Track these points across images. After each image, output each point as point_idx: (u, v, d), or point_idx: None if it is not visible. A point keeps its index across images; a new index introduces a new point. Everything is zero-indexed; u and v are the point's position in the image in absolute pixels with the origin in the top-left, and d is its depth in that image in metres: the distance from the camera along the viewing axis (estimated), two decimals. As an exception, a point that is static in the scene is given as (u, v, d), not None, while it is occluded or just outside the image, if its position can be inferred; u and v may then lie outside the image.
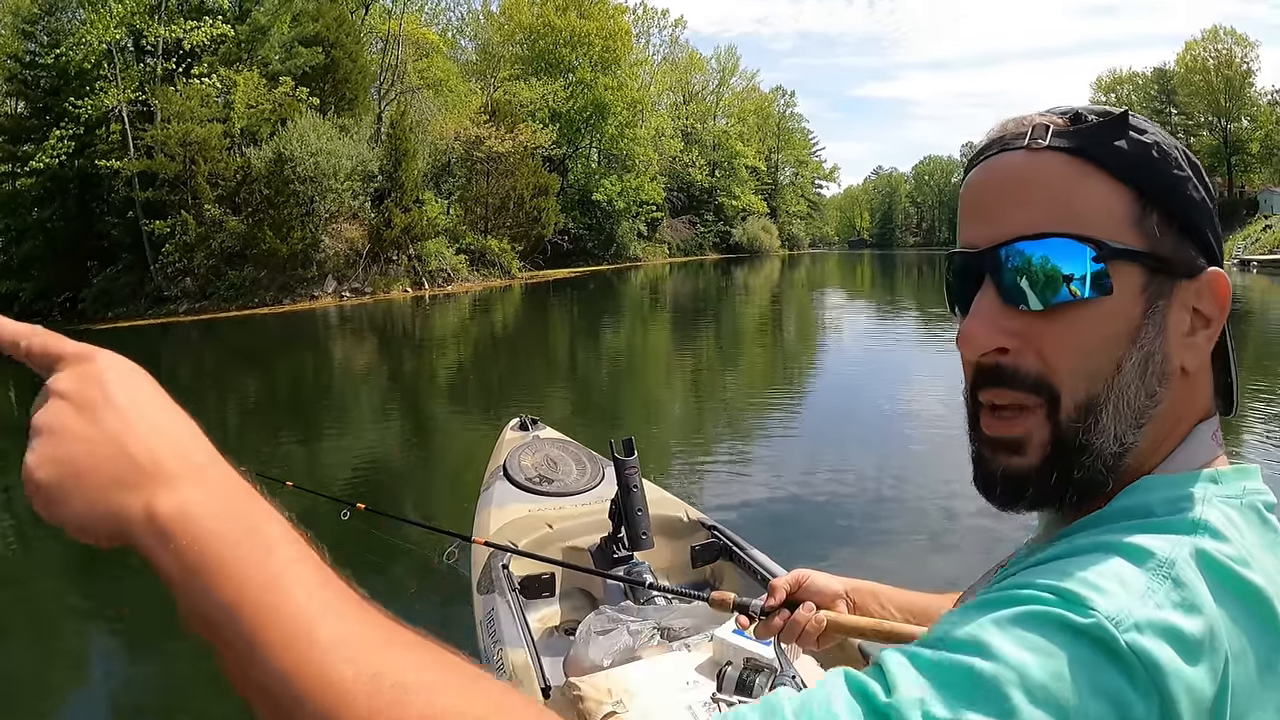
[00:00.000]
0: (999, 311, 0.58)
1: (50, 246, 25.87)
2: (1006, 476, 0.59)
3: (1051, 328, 0.57)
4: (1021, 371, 0.57)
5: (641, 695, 2.02)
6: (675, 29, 66.12)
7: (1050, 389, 0.57)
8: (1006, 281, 0.57)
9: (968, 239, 0.61)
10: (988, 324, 0.58)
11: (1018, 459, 0.59)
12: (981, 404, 0.61)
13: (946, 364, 12.09)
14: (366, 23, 36.23)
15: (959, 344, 0.60)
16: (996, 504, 0.61)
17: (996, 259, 0.58)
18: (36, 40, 26.03)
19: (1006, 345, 0.57)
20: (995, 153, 0.61)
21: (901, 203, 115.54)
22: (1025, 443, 0.58)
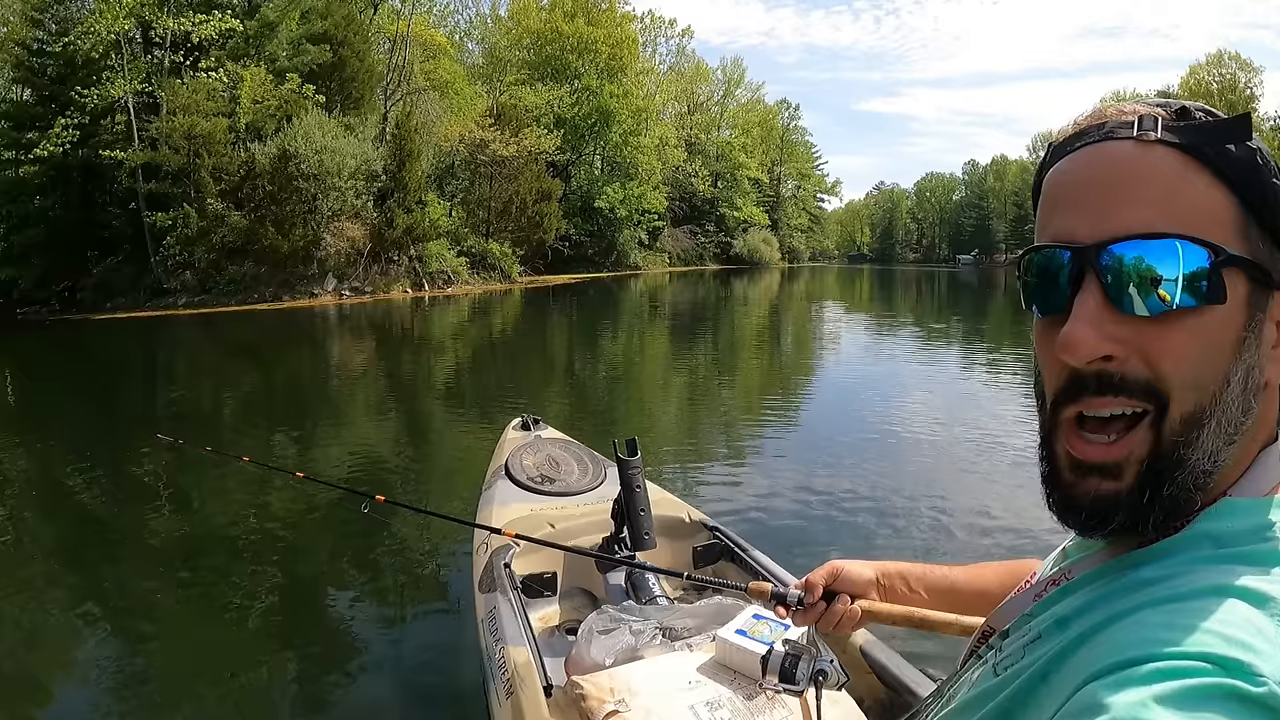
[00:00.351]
0: (1105, 315, 0.54)
1: (51, 235, 25.83)
2: (1096, 502, 0.56)
3: (1162, 335, 0.53)
4: (1130, 378, 0.54)
5: (644, 694, 2.01)
6: (682, 39, 66.37)
7: (1160, 397, 0.54)
8: (1115, 282, 0.54)
9: (1064, 231, 0.57)
10: (1096, 329, 0.54)
11: (1111, 483, 0.56)
12: (1063, 420, 0.57)
13: (942, 375, 12.14)
14: (375, 22, 36.29)
15: (1062, 350, 0.55)
16: (1077, 529, 0.59)
17: (1104, 257, 0.54)
18: (45, 28, 26.02)
19: (1113, 352, 0.54)
20: (1096, 140, 0.57)
21: (902, 218, 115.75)
22: (1122, 466, 0.55)
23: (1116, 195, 0.55)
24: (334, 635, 3.97)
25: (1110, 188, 0.55)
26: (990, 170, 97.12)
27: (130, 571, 4.84)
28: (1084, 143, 0.58)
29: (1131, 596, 0.52)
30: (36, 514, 6.22)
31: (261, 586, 4.65)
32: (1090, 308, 0.54)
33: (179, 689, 3.53)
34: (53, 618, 4.28)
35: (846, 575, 1.16)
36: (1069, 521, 0.58)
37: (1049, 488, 0.59)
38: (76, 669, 3.75)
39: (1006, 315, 25.89)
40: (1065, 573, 0.63)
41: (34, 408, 10.97)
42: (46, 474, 7.41)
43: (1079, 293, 0.55)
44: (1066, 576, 0.63)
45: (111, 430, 9.08)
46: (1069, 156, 0.58)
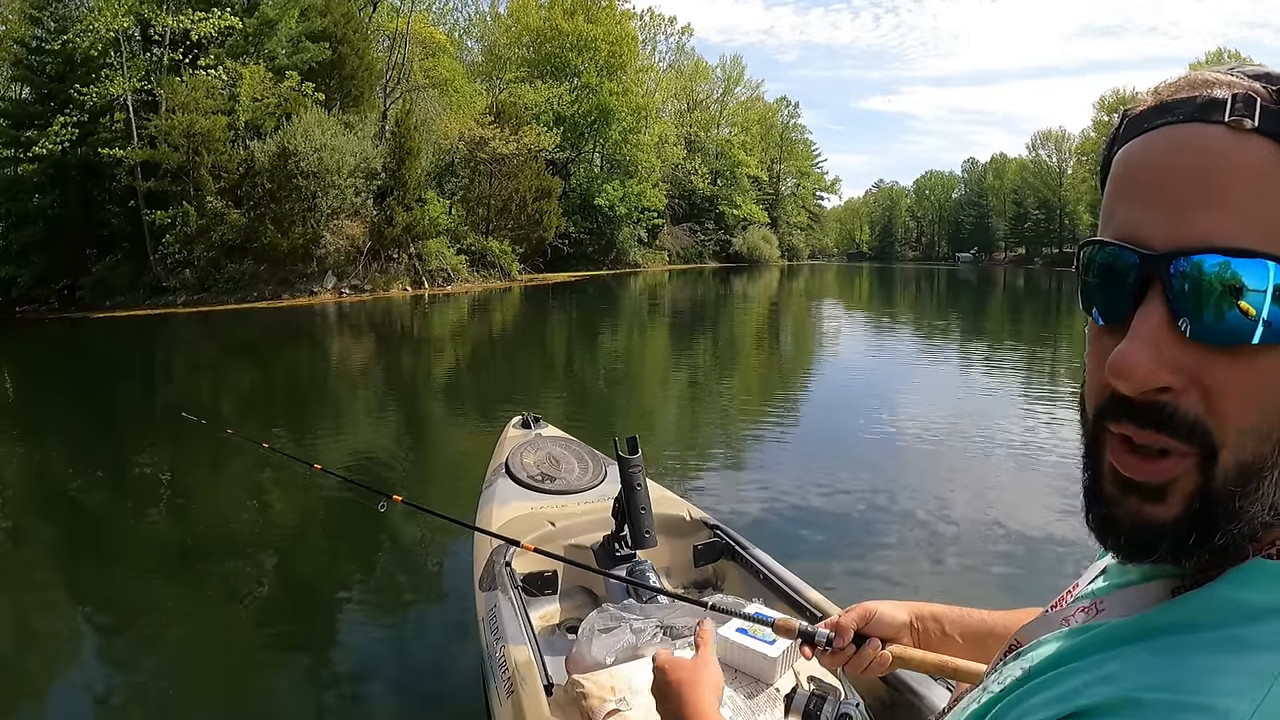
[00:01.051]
0: (1167, 337, 0.46)
1: (50, 233, 25.81)
2: (1138, 526, 0.49)
3: (1230, 369, 0.46)
4: (1180, 415, 0.47)
5: (644, 693, 2.00)
6: (682, 36, 66.36)
7: (1209, 440, 0.46)
8: (1184, 301, 0.46)
9: (1131, 229, 0.49)
10: (1154, 353, 0.46)
11: (1155, 507, 0.49)
12: (1108, 430, 0.51)
13: (941, 373, 12.14)
14: (374, 20, 36.27)
15: (1113, 373, 0.47)
16: (1115, 553, 0.53)
17: (1177, 269, 0.46)
18: (44, 26, 25.98)
19: (1171, 383, 0.46)
20: (1179, 120, 0.48)
21: (901, 216, 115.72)
22: (1168, 489, 0.48)
23: (1197, 195, 0.46)
24: (334, 633, 3.97)
25: (1190, 184, 0.46)
26: (990, 168, 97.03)
27: (130, 569, 4.84)
28: (1165, 121, 0.49)
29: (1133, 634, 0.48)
30: (37, 513, 6.22)
31: (261, 585, 4.65)
32: (1152, 327, 0.47)
33: (180, 686, 3.53)
34: (52, 615, 4.28)
35: (879, 619, 1.11)
36: (1106, 543, 0.52)
37: (1089, 502, 0.53)
38: (77, 667, 3.76)
39: (1006, 313, 25.91)
40: (1097, 605, 0.57)
41: (33, 406, 10.96)
42: (46, 472, 7.41)
43: (1141, 306, 0.47)
44: (1098, 609, 0.57)
45: (111, 428, 9.08)
46: (1145, 136, 0.50)
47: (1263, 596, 0.46)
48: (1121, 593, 0.56)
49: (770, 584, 2.70)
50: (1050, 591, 0.70)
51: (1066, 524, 5.12)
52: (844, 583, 4.23)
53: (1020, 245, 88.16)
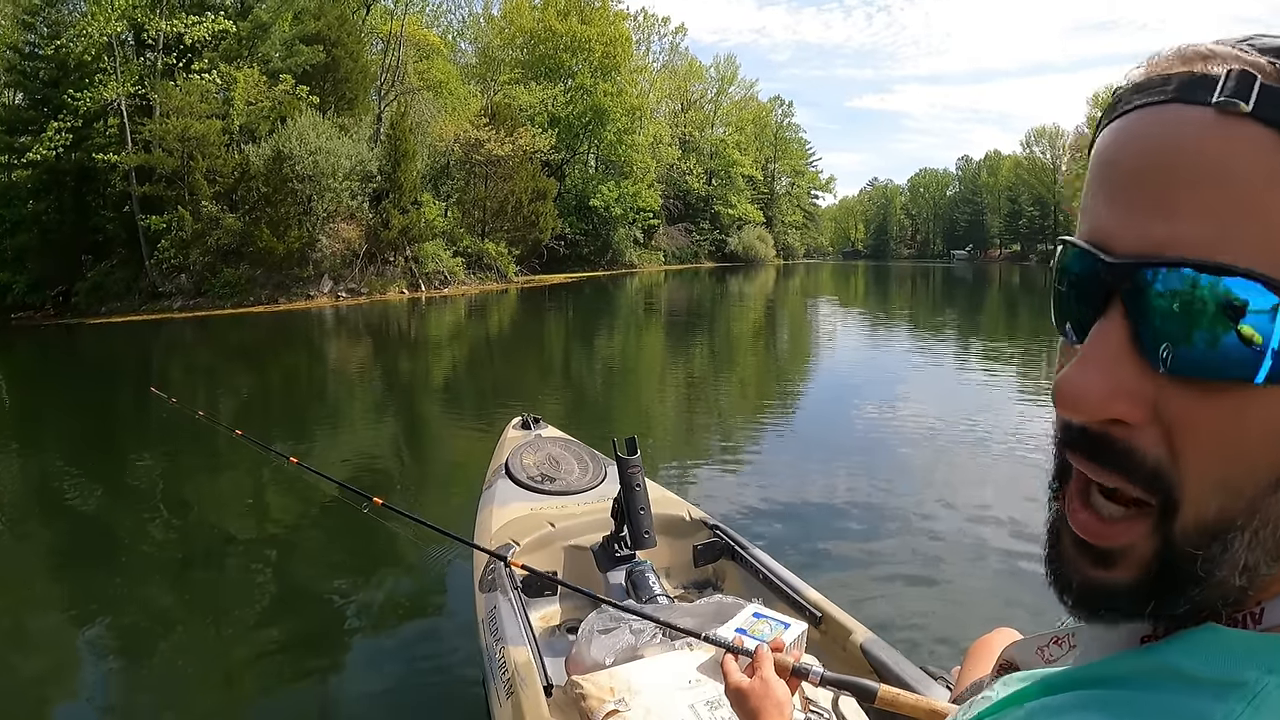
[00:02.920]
0: (1126, 360, 0.39)
1: (45, 239, 25.71)
2: (1087, 589, 0.43)
3: (1195, 405, 0.38)
4: (1136, 455, 0.39)
5: (644, 694, 2.02)
6: (675, 36, 66.34)
7: (1168, 490, 0.39)
8: (1148, 320, 0.38)
9: (1097, 228, 0.41)
10: (1107, 379, 0.39)
11: (1103, 573, 0.42)
12: (1074, 470, 0.43)
13: (938, 370, 12.15)
14: (368, 23, 36.21)
15: (1059, 400, 0.41)
16: (1067, 610, 0.45)
17: (1139, 280, 0.38)
18: (37, 31, 25.89)
19: (1125, 416, 0.39)
20: (1160, 100, 0.40)
21: (896, 214, 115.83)
22: (1118, 556, 0.42)
23: (1169, 188, 0.38)
24: (333, 634, 3.97)
25: (1163, 175, 0.38)
26: (984, 166, 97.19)
27: (126, 573, 4.84)
28: (1145, 101, 0.41)
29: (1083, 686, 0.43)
30: (32, 518, 6.21)
31: (260, 586, 4.65)
32: (1107, 347, 0.39)
33: (176, 689, 3.53)
34: (46, 619, 4.28)
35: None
36: (1059, 598, 0.45)
37: (1048, 545, 0.46)
38: (71, 671, 3.75)
39: (1001, 310, 25.93)
40: (1070, 638, 0.53)
41: (29, 413, 10.94)
42: (42, 479, 7.39)
43: (1098, 321, 0.40)
44: (1070, 643, 0.53)
45: (107, 434, 9.07)
46: (1122, 118, 0.42)
47: (1200, 668, 0.39)
48: (1094, 630, 0.48)
49: (770, 584, 2.71)
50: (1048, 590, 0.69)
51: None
52: (844, 582, 4.24)
53: (1015, 242, 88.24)
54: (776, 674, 1.27)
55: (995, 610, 3.98)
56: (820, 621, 2.43)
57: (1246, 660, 0.38)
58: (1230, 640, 0.40)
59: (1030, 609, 3.98)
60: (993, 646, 1.56)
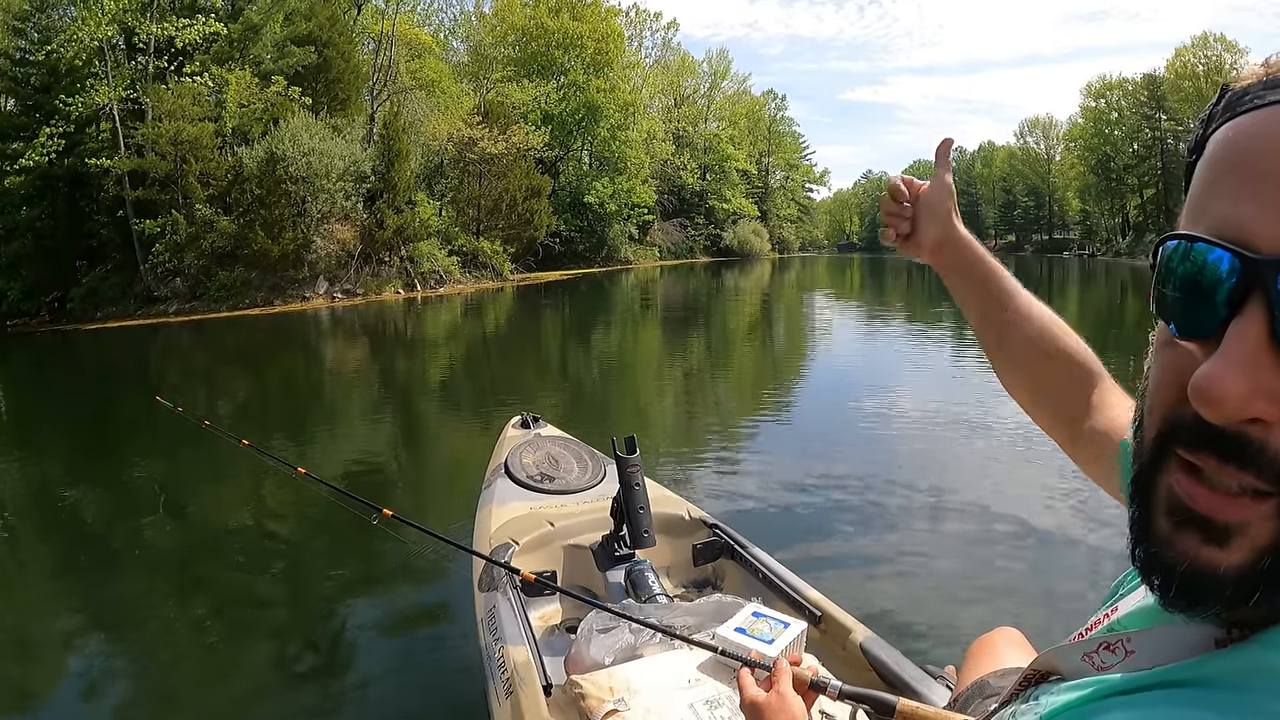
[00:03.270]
0: (1266, 360, 0.38)
1: (39, 245, 25.67)
2: (1194, 573, 0.41)
3: None
4: (1271, 453, 0.39)
5: (643, 693, 2.02)
6: (667, 32, 66.28)
7: None
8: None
9: (1231, 224, 0.40)
10: (1250, 378, 0.38)
11: (1215, 551, 0.40)
12: (1172, 452, 0.43)
13: (935, 364, 12.15)
14: (359, 23, 36.14)
15: (1199, 398, 0.39)
16: (1163, 601, 0.44)
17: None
18: (27, 37, 25.83)
19: (1265, 415, 0.38)
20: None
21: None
22: (1235, 531, 0.40)
23: None
24: (332, 634, 3.98)
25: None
26: (977, 157, 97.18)
27: (126, 579, 4.83)
28: (1276, 98, 0.40)
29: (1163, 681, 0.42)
30: (31, 525, 6.20)
31: (258, 587, 4.65)
32: (1249, 346, 0.38)
33: (175, 689, 3.54)
34: (44, 624, 4.27)
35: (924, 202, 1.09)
36: (1152, 586, 0.44)
37: (1136, 537, 0.44)
38: (69, 674, 3.75)
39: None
40: (1125, 644, 0.49)
41: (26, 421, 10.93)
42: (39, 483, 7.38)
43: (1237, 319, 0.39)
44: (1126, 650, 0.49)
45: (105, 442, 9.05)
46: (1257, 113, 0.41)
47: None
48: (1156, 634, 0.48)
49: (770, 583, 2.71)
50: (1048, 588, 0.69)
51: (1066, 517, 5.16)
52: (843, 580, 4.24)
53: (1010, 232, 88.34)
54: (794, 688, 1.26)
55: (996, 608, 3.99)
56: (820, 621, 2.43)
57: None
58: None
59: (1031, 607, 3.99)
60: (995, 645, 1.56)
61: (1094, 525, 4.97)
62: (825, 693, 1.31)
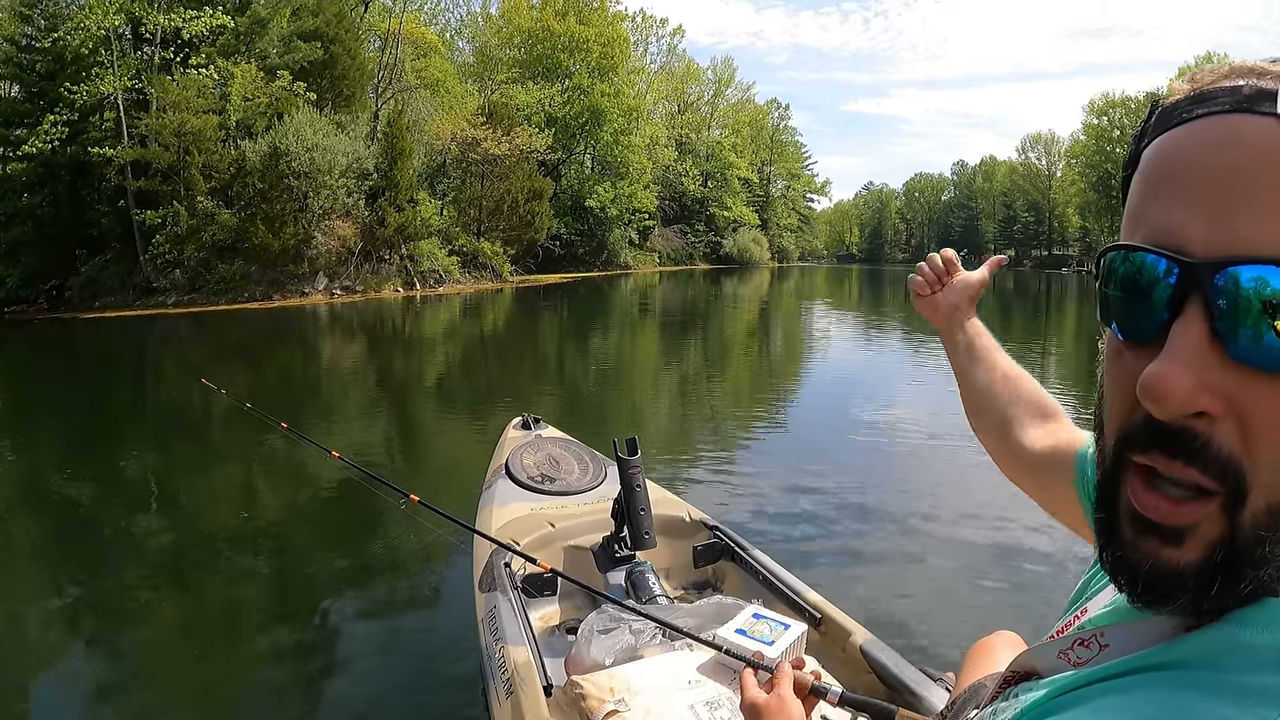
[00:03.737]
0: (1208, 357, 0.41)
1: (39, 233, 25.65)
2: (1156, 572, 0.44)
3: (1271, 399, 0.40)
4: (1213, 447, 0.41)
5: (644, 694, 2.03)
6: (673, 38, 66.37)
7: (1239, 479, 0.41)
8: (1228, 317, 0.40)
9: (1167, 231, 0.43)
10: (1193, 374, 0.40)
11: (1173, 551, 0.43)
12: (1129, 461, 0.45)
13: (933, 373, 12.15)
14: (366, 20, 36.20)
15: (1147, 395, 0.41)
16: (1132, 599, 0.46)
17: (1220, 280, 0.40)
18: (34, 23, 25.86)
19: (1209, 409, 0.41)
20: (1222, 111, 0.42)
21: (891, 218, 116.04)
22: (1187, 533, 0.43)
23: (1248, 195, 0.40)
24: (332, 633, 3.97)
25: (1239, 183, 0.40)
26: (979, 171, 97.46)
27: (122, 569, 4.82)
28: (1206, 111, 0.43)
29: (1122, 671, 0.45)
30: (27, 514, 6.18)
31: (257, 585, 4.64)
32: (1191, 345, 0.41)
33: (175, 685, 3.53)
34: (47, 614, 4.26)
35: (963, 284, 1.30)
36: (1120, 585, 0.47)
37: (1102, 540, 0.47)
38: (75, 664, 3.75)
39: (995, 315, 25.97)
40: (1099, 638, 0.51)
41: (22, 407, 10.90)
42: (37, 474, 7.36)
43: (1178, 320, 0.42)
44: (1100, 644, 0.51)
45: (103, 430, 9.03)
46: (1183, 128, 0.44)
47: (1270, 638, 0.41)
48: (1128, 627, 0.50)
49: (770, 585, 2.72)
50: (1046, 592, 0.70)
51: (1057, 525, 5.16)
52: (843, 583, 4.25)
53: (1010, 247, 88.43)
54: (794, 692, 1.27)
55: (995, 612, 4.00)
56: (820, 623, 2.44)
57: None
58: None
59: (1029, 610, 4.00)
60: (993, 648, 1.57)
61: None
62: (825, 698, 1.32)
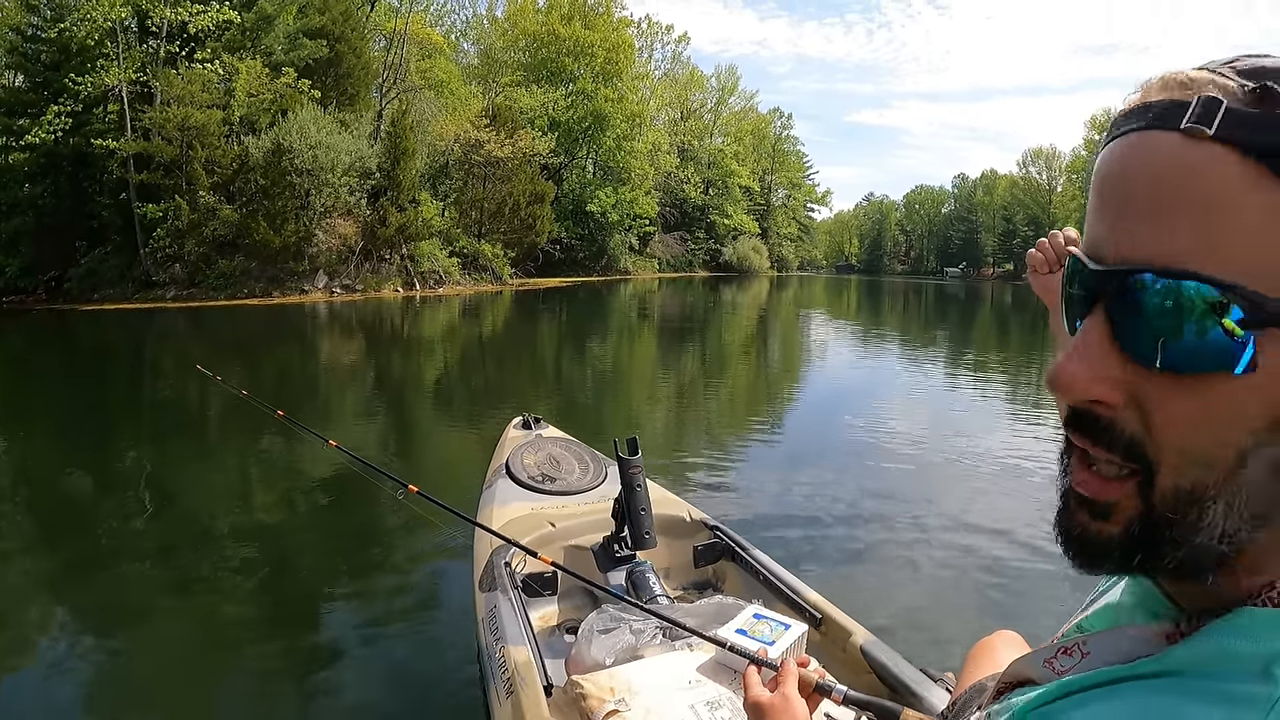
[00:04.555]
0: (1107, 352, 0.45)
1: (39, 224, 25.66)
2: (1085, 541, 0.49)
3: (1165, 392, 0.44)
4: (1116, 430, 0.45)
5: (644, 694, 2.02)
6: (678, 45, 66.54)
7: (1146, 461, 0.45)
8: (1121, 319, 0.44)
9: (1090, 240, 0.47)
10: (1089, 367, 0.45)
11: (1100, 524, 0.48)
12: (1070, 442, 0.50)
13: (932, 383, 12.19)
14: (372, 19, 36.29)
15: (1049, 383, 0.47)
16: (1071, 563, 0.51)
17: (1115, 285, 0.44)
18: (40, 14, 25.90)
19: (1105, 398, 0.45)
20: (1140, 127, 0.45)
21: (891, 230, 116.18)
22: (1112, 510, 0.47)
23: (1142, 206, 0.43)
24: (331, 633, 3.96)
25: (1137, 195, 0.44)
26: (979, 184, 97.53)
27: (118, 563, 4.81)
28: (1130, 126, 0.46)
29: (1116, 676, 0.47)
30: (20, 505, 6.16)
31: (254, 582, 4.63)
32: (1090, 340, 0.45)
33: (171, 684, 3.51)
34: (41, 607, 4.25)
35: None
36: (1063, 550, 0.51)
37: (1057, 509, 0.52)
38: (69, 660, 3.73)
39: (992, 328, 26.03)
40: (1081, 646, 0.54)
41: (17, 398, 10.88)
42: (30, 465, 7.35)
43: (1086, 319, 0.46)
44: (1082, 652, 0.54)
45: (99, 421, 9.02)
46: (1114, 142, 0.47)
47: (1252, 647, 0.43)
48: (1108, 635, 0.54)
49: (770, 585, 2.72)
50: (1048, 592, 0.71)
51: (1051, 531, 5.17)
52: (843, 583, 4.26)
53: (1009, 261, 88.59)
54: (799, 691, 1.26)
55: (995, 612, 4.01)
56: (820, 623, 2.44)
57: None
58: (1270, 620, 0.44)
59: (1031, 610, 4.01)
60: (994, 649, 1.58)
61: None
62: (830, 696, 1.31)
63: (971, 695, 1.39)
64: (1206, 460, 0.43)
